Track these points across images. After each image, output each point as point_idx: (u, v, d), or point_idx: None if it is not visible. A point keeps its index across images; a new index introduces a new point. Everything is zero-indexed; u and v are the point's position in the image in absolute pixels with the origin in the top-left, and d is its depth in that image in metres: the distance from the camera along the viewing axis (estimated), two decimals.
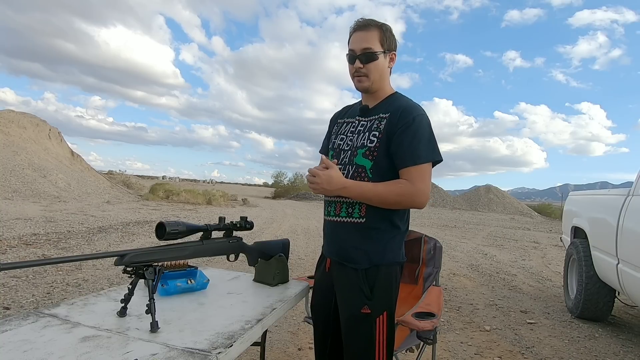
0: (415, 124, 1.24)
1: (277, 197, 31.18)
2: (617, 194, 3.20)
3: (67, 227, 6.99)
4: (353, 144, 1.33)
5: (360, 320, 1.24)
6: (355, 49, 1.29)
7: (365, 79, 1.30)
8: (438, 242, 1.93)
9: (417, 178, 1.22)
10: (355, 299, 1.25)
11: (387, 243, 1.28)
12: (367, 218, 1.27)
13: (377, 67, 1.30)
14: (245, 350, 1.30)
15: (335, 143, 1.42)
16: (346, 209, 1.30)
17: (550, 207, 26.34)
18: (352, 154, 1.32)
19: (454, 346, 2.84)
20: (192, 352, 0.90)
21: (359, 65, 1.29)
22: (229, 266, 4.02)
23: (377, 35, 1.29)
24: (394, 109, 1.29)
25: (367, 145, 1.28)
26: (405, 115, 1.25)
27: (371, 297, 1.24)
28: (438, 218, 16.75)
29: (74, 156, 18.24)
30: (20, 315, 1.07)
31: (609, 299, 3.41)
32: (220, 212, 10.71)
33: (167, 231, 1.11)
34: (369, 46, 1.28)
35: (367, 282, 1.25)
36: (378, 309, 1.24)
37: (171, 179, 74.18)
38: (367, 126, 1.32)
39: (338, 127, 1.45)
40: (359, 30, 1.30)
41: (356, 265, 1.27)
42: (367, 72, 1.29)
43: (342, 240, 1.31)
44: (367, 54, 1.28)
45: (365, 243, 1.27)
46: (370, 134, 1.30)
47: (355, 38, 1.30)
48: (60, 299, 3.26)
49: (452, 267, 5.89)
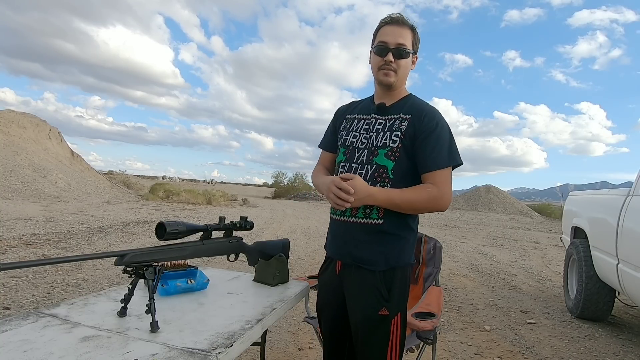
0: (439, 129, 1.25)
1: (277, 197, 31.19)
2: (617, 194, 3.20)
3: (67, 227, 6.99)
4: (370, 143, 1.30)
5: (378, 323, 1.23)
6: (389, 42, 1.27)
7: (393, 74, 1.29)
8: (438, 242, 1.93)
9: (443, 182, 1.23)
10: (372, 301, 1.24)
11: (404, 244, 1.28)
12: (385, 219, 1.25)
13: (407, 65, 1.30)
14: (245, 350, 1.30)
15: (347, 140, 1.37)
16: (363, 209, 1.27)
17: (550, 207, 26.32)
18: (372, 153, 1.29)
19: (454, 346, 2.84)
20: (192, 352, 0.90)
21: (391, 58, 1.27)
22: (229, 266, 4.02)
23: (410, 34, 1.30)
24: (416, 111, 1.28)
25: (390, 146, 1.26)
26: (429, 120, 1.25)
27: (389, 299, 1.24)
28: (438, 218, 16.75)
29: (74, 156, 18.24)
30: (20, 315, 1.07)
31: (609, 299, 3.41)
32: (220, 212, 10.70)
33: (167, 231, 1.11)
34: (403, 42, 1.27)
35: (384, 284, 1.24)
36: (394, 310, 1.24)
37: (171, 179, 74.15)
38: (387, 125, 1.30)
39: (348, 123, 1.41)
40: (394, 24, 1.29)
41: (373, 267, 1.25)
42: (396, 68, 1.28)
43: (359, 241, 1.28)
44: (401, 50, 1.27)
45: (383, 245, 1.26)
46: (392, 134, 1.27)
47: (390, 31, 1.28)
48: (60, 299, 3.26)
49: (452, 267, 5.89)
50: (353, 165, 1.31)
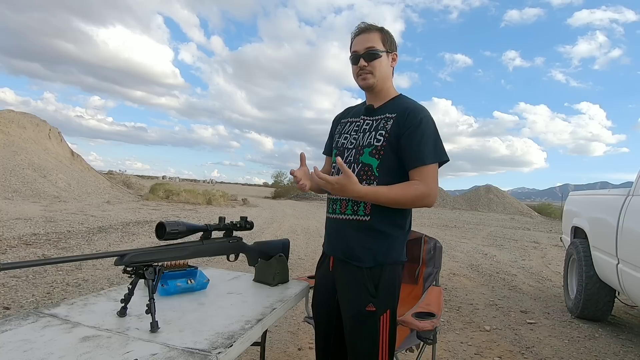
0: (423, 125, 1.27)
1: (277, 197, 31.18)
2: (617, 194, 3.20)
3: (67, 227, 6.99)
4: (358, 143, 1.35)
5: (366, 318, 1.26)
6: (359, 49, 1.34)
7: (370, 76, 1.34)
8: (438, 242, 1.93)
9: (429, 178, 1.25)
10: (360, 296, 1.27)
11: (392, 242, 1.30)
12: (372, 216, 1.29)
13: (381, 65, 1.34)
14: (245, 350, 1.30)
15: (339, 142, 1.43)
16: (352, 206, 1.32)
17: (550, 207, 26.33)
18: (358, 152, 1.34)
19: (454, 346, 2.84)
20: (192, 352, 0.90)
21: (364, 63, 1.32)
22: (229, 266, 4.02)
23: (379, 36, 1.35)
24: (401, 110, 1.32)
25: (374, 144, 1.30)
26: (413, 117, 1.28)
27: (376, 295, 1.26)
28: (438, 218, 16.75)
29: (74, 156, 18.24)
30: (20, 315, 1.07)
31: (609, 299, 3.41)
32: (220, 212, 10.71)
33: (167, 231, 1.11)
34: (372, 45, 1.32)
35: (372, 280, 1.27)
36: (382, 307, 1.26)
37: (171, 179, 74.17)
38: (373, 125, 1.34)
39: (342, 127, 1.47)
40: (361, 33, 1.35)
41: (361, 263, 1.28)
42: (372, 70, 1.33)
43: (348, 238, 1.32)
44: (371, 52, 1.32)
45: (370, 241, 1.29)
46: (377, 133, 1.32)
47: (358, 40, 1.35)
48: (60, 299, 3.26)
49: (452, 267, 5.89)
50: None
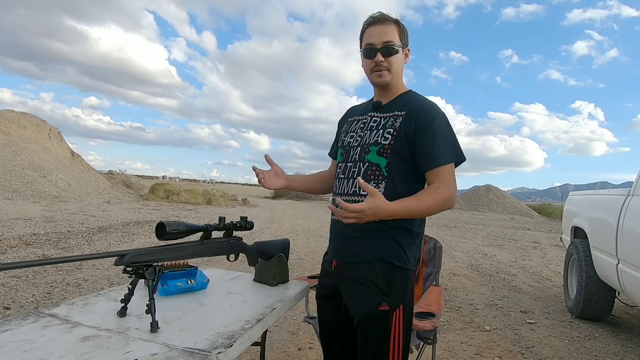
0: (435, 124, 1.21)
1: (277, 197, 31.17)
2: (617, 194, 3.20)
3: (67, 227, 6.99)
4: (363, 141, 1.29)
5: (379, 318, 1.21)
6: (376, 42, 1.25)
7: (387, 73, 1.26)
8: (438, 242, 1.93)
9: (448, 179, 1.19)
10: (372, 297, 1.22)
11: (404, 243, 1.25)
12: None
13: (398, 61, 1.27)
14: (245, 350, 1.30)
15: (345, 141, 1.37)
16: None
17: (550, 207, 26.31)
18: (364, 150, 1.27)
19: (454, 346, 2.84)
20: (192, 352, 0.90)
21: (381, 58, 1.24)
22: (229, 266, 4.02)
23: (396, 29, 1.27)
24: (411, 107, 1.25)
25: (381, 143, 1.24)
26: (424, 116, 1.22)
27: (389, 294, 1.21)
28: (438, 218, 16.74)
29: (74, 156, 18.24)
30: (20, 315, 1.07)
31: (609, 299, 3.41)
32: (220, 212, 10.71)
33: (167, 231, 1.11)
34: (390, 39, 1.24)
35: (385, 280, 1.22)
36: (395, 304, 1.22)
37: (171, 179, 74.17)
38: (381, 123, 1.28)
39: (348, 126, 1.41)
40: (377, 24, 1.26)
41: (373, 264, 1.24)
42: (389, 66, 1.26)
43: (354, 239, 1.26)
44: (389, 47, 1.24)
45: (381, 243, 1.24)
46: (384, 131, 1.25)
47: (374, 31, 1.26)
48: (60, 299, 3.26)
49: (452, 267, 5.89)
50: (348, 164, 1.31)
